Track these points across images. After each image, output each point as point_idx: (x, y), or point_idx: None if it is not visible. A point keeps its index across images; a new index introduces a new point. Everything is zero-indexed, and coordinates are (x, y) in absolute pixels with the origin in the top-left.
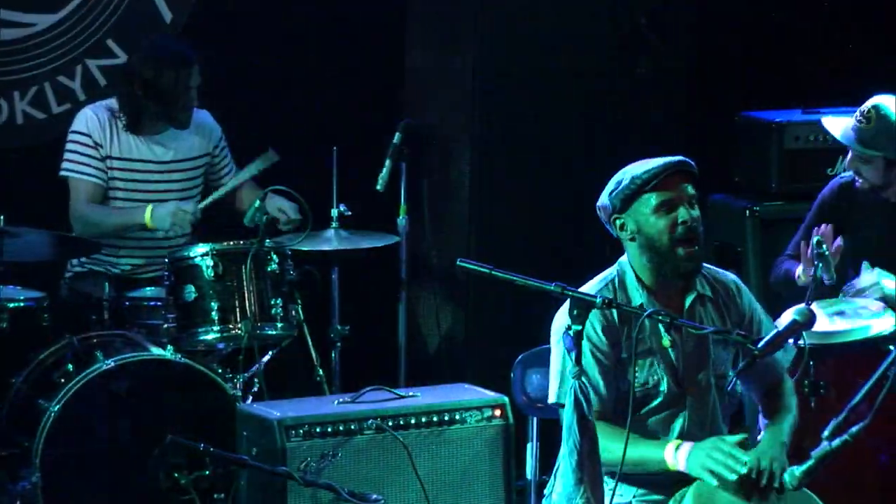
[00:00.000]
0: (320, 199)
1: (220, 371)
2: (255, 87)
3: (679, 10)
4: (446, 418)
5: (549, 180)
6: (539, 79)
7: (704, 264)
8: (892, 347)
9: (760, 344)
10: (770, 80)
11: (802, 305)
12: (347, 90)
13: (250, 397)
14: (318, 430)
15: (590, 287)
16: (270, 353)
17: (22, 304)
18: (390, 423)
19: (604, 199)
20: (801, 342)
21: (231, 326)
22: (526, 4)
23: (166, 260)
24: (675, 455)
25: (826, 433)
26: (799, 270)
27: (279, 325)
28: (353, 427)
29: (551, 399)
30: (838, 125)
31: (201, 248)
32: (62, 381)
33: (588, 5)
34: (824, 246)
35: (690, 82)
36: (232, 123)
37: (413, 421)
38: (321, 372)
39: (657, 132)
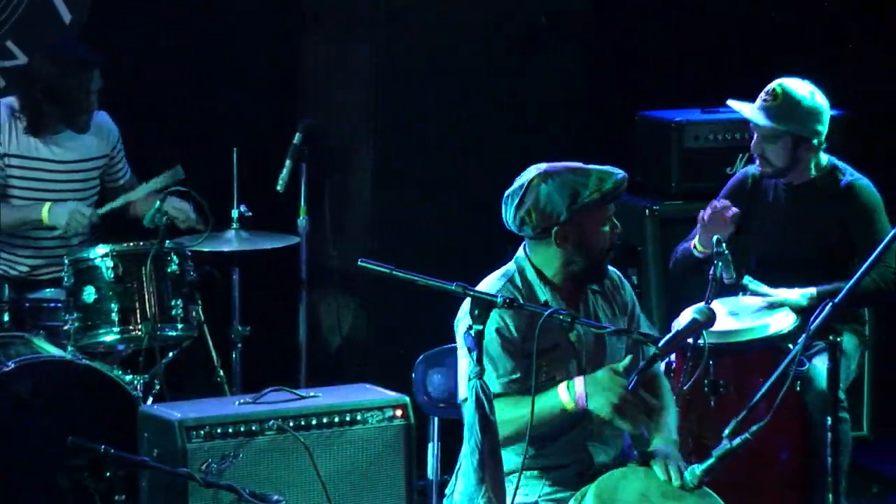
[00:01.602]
0: (220, 200)
1: (120, 372)
2: (154, 88)
3: (577, 9)
4: (347, 419)
5: (449, 180)
6: (439, 78)
7: None
8: (791, 346)
9: (661, 343)
10: (669, 79)
11: (702, 304)
12: (247, 90)
13: (151, 398)
14: (218, 430)
15: (489, 283)
16: (171, 353)
17: None
18: (291, 424)
19: (557, 207)
20: (701, 341)
21: (131, 327)
22: (426, 1)
23: (66, 261)
24: (572, 392)
25: (726, 432)
26: (695, 241)
27: (179, 325)
28: (254, 428)
29: (461, 396)
30: (745, 107)
31: (101, 250)
32: None
33: (488, 3)
34: (724, 245)
35: (590, 81)
36: (130, 124)
37: (314, 421)
38: (222, 373)
39: (558, 131)
